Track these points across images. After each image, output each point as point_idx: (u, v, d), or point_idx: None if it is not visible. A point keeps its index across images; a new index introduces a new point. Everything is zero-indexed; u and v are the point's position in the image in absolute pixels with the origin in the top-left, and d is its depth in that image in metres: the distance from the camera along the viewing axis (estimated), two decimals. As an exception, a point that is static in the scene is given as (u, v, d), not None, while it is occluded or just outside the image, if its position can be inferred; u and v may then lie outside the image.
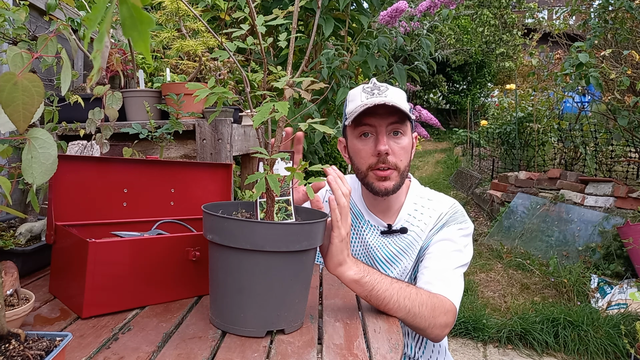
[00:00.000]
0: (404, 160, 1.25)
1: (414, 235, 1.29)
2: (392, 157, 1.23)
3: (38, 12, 1.88)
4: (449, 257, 1.21)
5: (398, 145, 1.23)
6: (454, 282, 1.17)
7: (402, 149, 1.24)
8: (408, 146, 1.26)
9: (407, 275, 1.29)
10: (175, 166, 1.23)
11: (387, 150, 1.21)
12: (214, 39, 1.69)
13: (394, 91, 1.24)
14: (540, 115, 5.95)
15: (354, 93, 1.27)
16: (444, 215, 1.29)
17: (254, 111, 0.81)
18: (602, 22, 4.12)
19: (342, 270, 0.99)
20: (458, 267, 1.21)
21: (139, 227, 1.15)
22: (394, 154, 1.23)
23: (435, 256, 1.22)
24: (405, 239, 1.29)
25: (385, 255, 1.30)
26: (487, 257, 4.57)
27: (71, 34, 1.02)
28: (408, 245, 1.29)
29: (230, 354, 0.80)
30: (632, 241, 3.49)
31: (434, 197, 1.34)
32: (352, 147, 1.28)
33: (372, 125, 1.22)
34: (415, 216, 1.31)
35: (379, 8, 3.24)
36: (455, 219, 1.28)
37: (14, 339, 0.62)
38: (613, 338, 2.86)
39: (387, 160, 1.22)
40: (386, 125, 1.22)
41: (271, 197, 0.88)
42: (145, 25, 0.34)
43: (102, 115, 1.19)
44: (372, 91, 1.23)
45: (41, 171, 0.64)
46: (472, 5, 11.98)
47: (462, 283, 1.21)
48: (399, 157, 1.24)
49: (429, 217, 1.29)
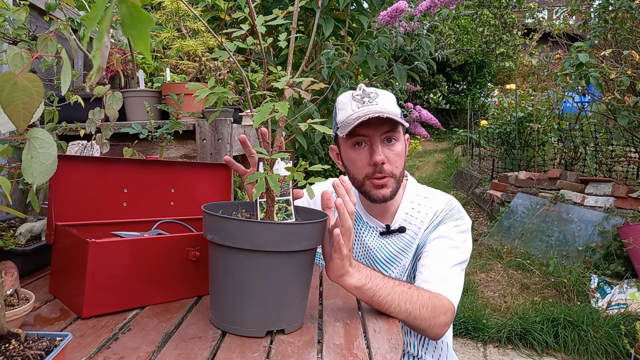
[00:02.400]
0: (399, 166, 1.25)
1: (411, 234, 1.29)
2: (387, 166, 1.23)
3: (38, 12, 1.88)
4: (446, 255, 1.21)
5: (392, 152, 1.23)
6: (452, 280, 1.17)
7: (396, 155, 1.24)
8: (402, 151, 1.26)
9: (405, 273, 1.29)
10: (175, 166, 1.23)
11: (383, 160, 1.21)
12: (214, 39, 1.69)
13: (383, 96, 1.23)
14: (540, 115, 5.95)
15: (343, 101, 1.26)
16: (440, 213, 1.28)
17: (254, 111, 0.81)
18: (602, 22, 4.12)
19: (343, 280, 0.98)
20: (456, 264, 1.21)
21: (139, 227, 1.15)
22: (389, 161, 1.23)
23: (433, 254, 1.22)
24: (404, 238, 1.29)
25: (385, 256, 1.30)
26: (487, 257, 4.57)
27: (71, 34, 1.02)
28: (406, 244, 1.29)
29: (230, 354, 0.80)
30: (632, 241, 3.49)
31: (430, 194, 1.34)
32: (346, 156, 1.27)
33: (366, 135, 1.22)
34: (412, 214, 1.31)
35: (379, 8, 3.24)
36: (452, 216, 1.27)
37: (14, 339, 0.62)
38: (613, 338, 2.86)
39: (384, 170, 1.22)
40: (380, 135, 1.21)
41: (271, 197, 0.88)
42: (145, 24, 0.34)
43: (102, 115, 1.19)
44: (363, 99, 1.22)
45: (41, 171, 0.64)
46: (472, 5, 11.97)
47: (462, 280, 1.21)
48: (394, 164, 1.24)
49: (425, 214, 1.29)
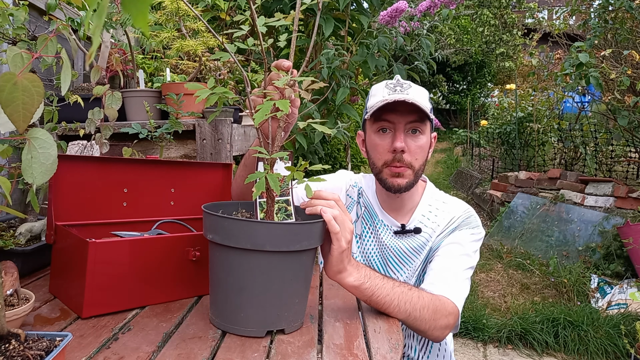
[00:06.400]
0: (420, 159, 1.24)
1: (426, 236, 1.28)
2: (407, 156, 1.22)
3: (38, 12, 1.88)
4: (456, 261, 1.20)
5: (415, 143, 1.23)
6: (458, 285, 1.17)
7: (418, 147, 1.23)
8: (425, 145, 1.25)
9: (415, 275, 1.29)
10: (175, 166, 1.23)
11: (404, 147, 1.20)
12: (214, 39, 1.69)
13: (416, 89, 1.24)
14: (540, 115, 5.95)
15: (376, 88, 1.27)
16: (457, 219, 1.28)
17: (254, 111, 0.80)
18: (602, 22, 4.12)
19: (341, 277, 0.98)
20: (464, 270, 1.20)
21: (139, 227, 1.15)
22: (410, 152, 1.22)
23: (442, 258, 1.21)
24: (418, 239, 1.29)
25: (398, 255, 1.30)
26: (487, 257, 4.57)
27: (71, 34, 1.02)
28: (420, 245, 1.28)
29: (230, 354, 0.80)
30: (632, 241, 3.49)
31: (448, 200, 1.34)
32: (369, 141, 1.28)
33: (391, 121, 1.22)
34: (428, 217, 1.30)
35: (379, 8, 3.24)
36: (468, 224, 1.27)
37: (14, 339, 0.62)
38: (613, 338, 2.86)
39: (402, 159, 1.22)
40: (405, 123, 1.21)
41: (271, 197, 0.88)
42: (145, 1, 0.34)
43: (101, 115, 1.19)
44: (395, 87, 1.23)
45: (41, 171, 0.64)
46: (472, 5, 11.96)
47: (468, 286, 1.21)
48: (414, 155, 1.23)
49: (442, 219, 1.29)
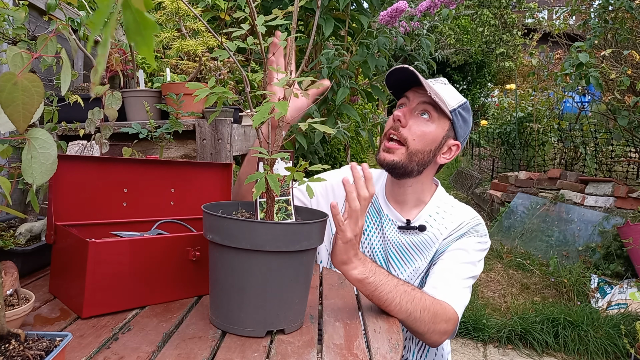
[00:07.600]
0: (418, 142, 1.22)
1: (431, 236, 1.26)
2: (404, 131, 1.22)
3: (38, 12, 1.88)
4: (460, 268, 1.20)
5: (418, 125, 1.22)
6: (460, 291, 1.16)
7: (420, 130, 1.22)
8: (430, 134, 1.22)
9: (418, 277, 1.28)
10: (175, 166, 1.23)
11: (401, 117, 1.21)
12: (214, 39, 1.69)
13: (442, 86, 1.26)
14: (540, 115, 5.96)
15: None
16: (465, 225, 1.27)
17: (254, 111, 0.80)
18: (602, 22, 4.12)
19: (346, 268, 0.99)
20: (467, 277, 1.20)
21: (139, 227, 1.15)
22: (410, 129, 1.22)
23: (446, 263, 1.21)
24: (421, 237, 1.27)
25: (399, 251, 1.28)
26: (487, 257, 4.55)
27: (71, 34, 1.02)
28: (423, 244, 1.27)
29: (230, 354, 0.80)
30: (632, 241, 3.49)
31: (457, 205, 1.33)
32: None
33: (408, 98, 1.24)
34: (435, 219, 1.29)
35: (379, 8, 3.24)
36: (477, 232, 1.26)
37: (14, 339, 0.62)
38: (613, 338, 2.86)
39: (398, 129, 1.22)
40: (417, 103, 1.22)
41: (271, 197, 0.88)
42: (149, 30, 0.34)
43: (101, 115, 1.19)
44: (427, 78, 1.26)
45: (41, 171, 0.64)
46: (472, 5, 11.96)
47: (469, 295, 1.20)
48: (413, 134, 1.21)
49: (450, 222, 1.28)
